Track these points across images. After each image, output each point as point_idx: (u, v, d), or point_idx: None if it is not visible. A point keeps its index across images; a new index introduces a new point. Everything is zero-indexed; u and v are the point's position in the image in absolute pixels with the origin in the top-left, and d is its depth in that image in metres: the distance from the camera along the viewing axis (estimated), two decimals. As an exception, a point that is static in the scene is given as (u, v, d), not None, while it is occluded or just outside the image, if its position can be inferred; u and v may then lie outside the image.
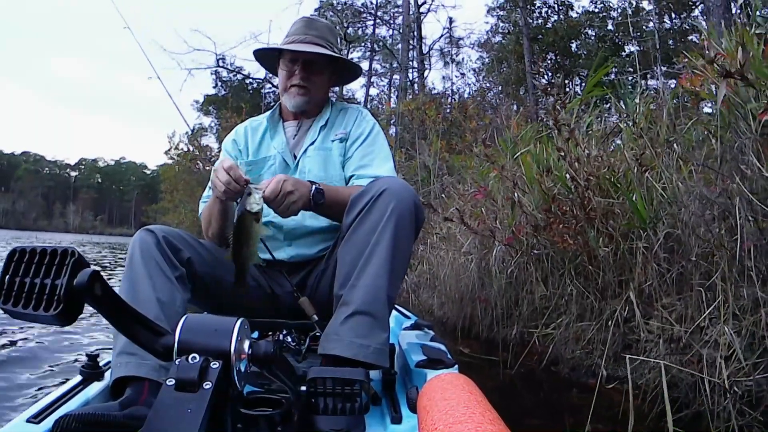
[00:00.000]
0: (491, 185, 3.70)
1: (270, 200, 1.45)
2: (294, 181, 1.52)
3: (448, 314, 4.01)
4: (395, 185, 1.49)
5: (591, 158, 2.73)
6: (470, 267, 3.71)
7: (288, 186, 1.48)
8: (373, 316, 1.39)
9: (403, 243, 1.46)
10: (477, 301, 3.53)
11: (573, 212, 2.58)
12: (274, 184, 1.46)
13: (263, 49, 1.97)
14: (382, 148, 1.87)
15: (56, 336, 3.16)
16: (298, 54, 1.81)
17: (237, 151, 1.96)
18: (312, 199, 1.55)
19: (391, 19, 21.07)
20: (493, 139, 4.83)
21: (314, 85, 1.86)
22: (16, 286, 0.86)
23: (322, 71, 1.88)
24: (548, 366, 2.63)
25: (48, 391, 1.32)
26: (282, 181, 1.47)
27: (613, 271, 2.49)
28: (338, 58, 1.90)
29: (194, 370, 0.92)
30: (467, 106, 9.69)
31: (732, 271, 2.06)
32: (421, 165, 7.36)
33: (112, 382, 1.31)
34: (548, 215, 2.67)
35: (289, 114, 1.96)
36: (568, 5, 17.33)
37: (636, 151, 2.68)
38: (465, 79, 19.75)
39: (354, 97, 22.03)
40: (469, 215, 3.76)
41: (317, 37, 1.84)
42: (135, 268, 1.44)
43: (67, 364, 2.60)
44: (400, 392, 1.48)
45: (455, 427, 0.77)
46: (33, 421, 1.15)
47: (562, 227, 2.55)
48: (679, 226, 2.26)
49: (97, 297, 0.87)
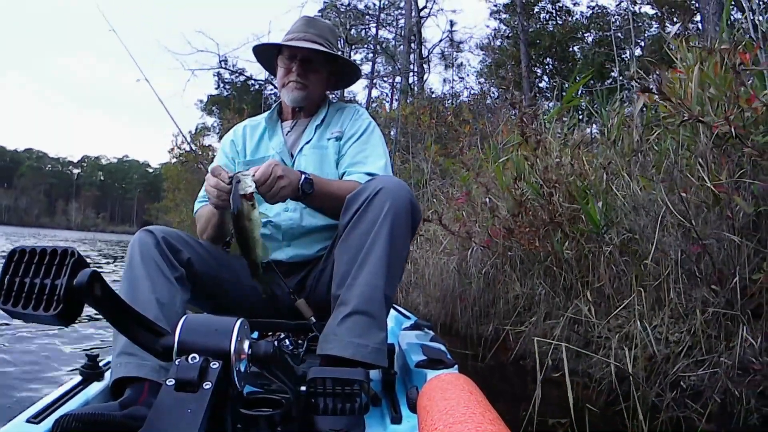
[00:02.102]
0: (474, 190, 3.87)
1: (260, 183, 1.43)
2: (284, 167, 1.51)
3: (432, 312, 4.19)
4: (391, 184, 1.49)
5: (561, 166, 2.90)
6: (451, 267, 3.89)
7: (278, 170, 1.47)
8: (370, 315, 1.39)
9: (400, 242, 1.46)
10: (457, 300, 3.71)
11: (541, 217, 2.75)
12: (265, 167, 1.45)
13: (262, 45, 1.97)
14: (377, 146, 1.86)
15: (56, 336, 3.18)
16: (296, 50, 1.82)
17: (235, 151, 1.97)
18: (300, 187, 1.54)
19: (394, 21, 21.25)
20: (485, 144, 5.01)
21: (311, 82, 1.86)
22: (16, 286, 0.86)
23: (320, 69, 1.88)
24: (517, 360, 2.80)
25: (48, 391, 1.33)
26: (273, 165, 1.47)
27: (575, 272, 2.66)
28: (337, 59, 1.91)
29: (194, 371, 0.92)
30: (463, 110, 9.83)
31: (680, 274, 2.22)
32: (415, 168, 7.53)
33: (112, 382, 1.31)
34: (515, 219, 2.84)
35: (287, 114, 1.97)
36: (566, 10, 17.48)
37: (604, 160, 2.85)
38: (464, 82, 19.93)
39: (355, 99, 22.19)
40: (453, 218, 3.94)
41: (317, 36, 1.84)
42: (134, 268, 1.44)
43: (66, 365, 2.62)
44: (400, 392, 1.49)
45: (455, 427, 0.78)
46: (33, 421, 1.15)
47: (528, 230, 2.72)
48: (637, 231, 2.42)
49: (97, 297, 0.88)
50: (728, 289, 2.04)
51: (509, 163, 3.52)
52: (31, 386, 2.22)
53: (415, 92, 15.51)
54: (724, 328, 2.06)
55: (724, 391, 1.95)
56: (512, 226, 2.91)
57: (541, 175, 2.78)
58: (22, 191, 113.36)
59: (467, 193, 3.68)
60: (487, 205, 3.20)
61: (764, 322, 2.01)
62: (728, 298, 2.08)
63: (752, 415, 1.87)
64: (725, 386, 1.94)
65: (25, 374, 2.40)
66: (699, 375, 2.05)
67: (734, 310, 2.04)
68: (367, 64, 21.29)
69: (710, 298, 2.12)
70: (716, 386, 1.96)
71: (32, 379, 2.35)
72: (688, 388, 2.06)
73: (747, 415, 1.88)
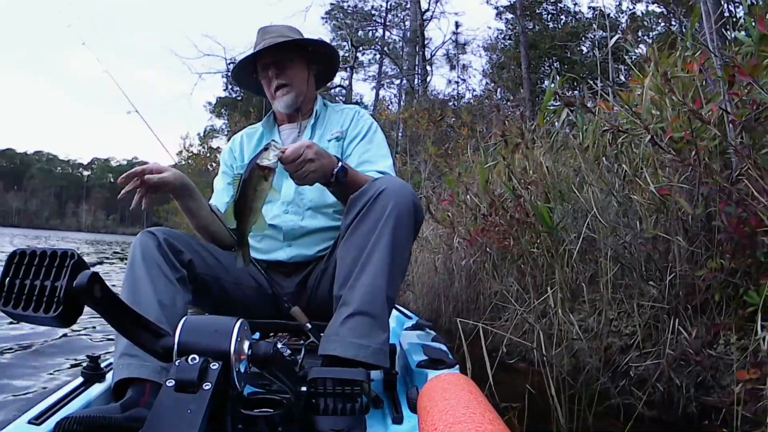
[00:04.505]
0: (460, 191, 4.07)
1: (287, 161, 1.42)
2: (318, 150, 1.48)
3: (419, 308, 4.38)
4: (394, 185, 1.48)
5: (538, 168, 3.08)
6: (437, 265, 4.10)
7: (309, 153, 1.44)
8: (372, 316, 1.38)
9: (402, 242, 1.46)
10: (442, 296, 3.91)
11: (513, 216, 2.93)
12: (297, 146, 1.43)
13: (236, 71, 1.99)
14: (381, 145, 1.87)
15: (57, 337, 3.19)
16: (262, 55, 1.85)
17: (233, 159, 1.99)
18: (334, 175, 1.52)
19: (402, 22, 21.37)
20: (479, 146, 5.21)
21: (292, 79, 1.87)
22: (16, 288, 0.87)
23: (294, 64, 1.88)
24: (490, 352, 2.98)
25: (50, 393, 1.32)
26: (305, 146, 1.44)
27: (542, 270, 2.85)
28: (306, 46, 1.91)
29: (194, 371, 0.92)
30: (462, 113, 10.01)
31: (633, 272, 2.40)
32: (414, 170, 7.73)
33: (114, 383, 1.31)
34: (486, 219, 3.03)
35: (283, 118, 1.98)
36: (567, 11, 17.59)
37: (575, 164, 3.04)
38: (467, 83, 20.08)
39: (362, 101, 22.36)
40: (440, 218, 4.14)
41: (276, 37, 1.84)
42: (136, 270, 1.44)
43: (68, 366, 2.63)
44: (401, 392, 1.48)
45: (455, 427, 0.78)
46: (34, 422, 1.15)
47: (498, 229, 2.91)
48: (598, 230, 2.61)
49: (97, 299, 0.88)
50: (665, 284, 2.20)
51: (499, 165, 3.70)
52: (32, 387, 2.22)
53: (418, 94, 15.66)
54: (669, 322, 2.23)
55: (666, 380, 2.11)
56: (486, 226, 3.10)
57: (517, 176, 2.96)
58: (32, 193, 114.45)
59: (452, 194, 3.88)
60: (467, 204, 3.40)
61: (707, 316, 2.18)
62: (674, 294, 2.25)
63: (691, 404, 2.03)
64: (668, 376, 2.10)
65: (26, 375, 2.40)
66: (646, 366, 2.21)
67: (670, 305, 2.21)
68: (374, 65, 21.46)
69: (657, 294, 2.29)
70: (659, 376, 2.12)
71: (33, 380, 2.35)
72: (635, 377, 2.23)
73: (687, 404, 2.04)
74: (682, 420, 2.03)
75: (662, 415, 2.08)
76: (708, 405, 1.98)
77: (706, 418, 1.97)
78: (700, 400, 2.02)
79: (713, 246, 2.30)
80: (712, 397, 1.98)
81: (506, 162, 2.97)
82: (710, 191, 2.29)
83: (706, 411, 1.98)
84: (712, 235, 2.33)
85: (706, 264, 2.18)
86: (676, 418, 2.05)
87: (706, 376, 2.04)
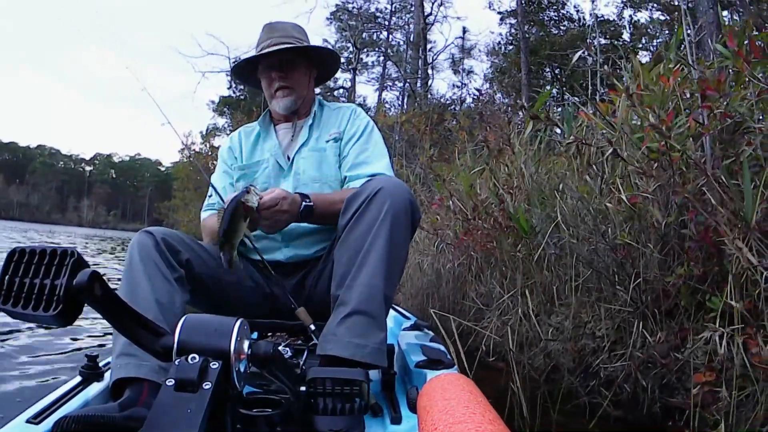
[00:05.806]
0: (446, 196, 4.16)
1: (264, 206, 1.48)
2: (291, 200, 1.55)
3: (410, 309, 4.46)
4: (390, 184, 1.49)
5: (522, 174, 3.17)
6: (425, 267, 4.19)
7: (284, 204, 1.52)
8: (369, 315, 1.38)
9: (399, 242, 1.46)
10: (429, 297, 3.99)
11: (495, 220, 3.01)
12: (275, 196, 1.50)
13: (237, 66, 2.02)
14: (378, 146, 1.88)
15: (56, 336, 3.20)
16: (270, 57, 1.86)
17: (233, 157, 2.00)
18: (300, 214, 1.59)
19: (405, 25, 21.48)
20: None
21: (295, 82, 1.88)
22: (16, 287, 0.86)
23: (299, 67, 1.90)
24: (471, 352, 3.07)
25: (48, 392, 1.31)
26: (282, 197, 1.51)
27: (523, 274, 2.93)
28: (309, 50, 1.93)
29: (194, 371, 0.92)
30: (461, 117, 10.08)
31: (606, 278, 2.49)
32: (411, 173, 7.81)
33: (112, 383, 1.31)
34: (467, 224, 3.12)
35: (280, 117, 1.98)
36: (568, 17, 17.69)
37: (560, 171, 3.12)
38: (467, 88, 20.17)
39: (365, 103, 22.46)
40: (430, 222, 4.23)
41: (283, 37, 1.86)
42: (134, 269, 1.44)
43: (66, 365, 2.63)
44: (400, 392, 1.49)
45: (455, 427, 0.78)
46: (32, 421, 1.14)
47: (479, 233, 2.99)
48: (576, 236, 2.69)
49: (97, 297, 0.88)
50: (633, 289, 2.28)
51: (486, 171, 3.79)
52: (30, 386, 2.23)
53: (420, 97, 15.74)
54: (638, 326, 2.30)
55: (633, 381, 2.19)
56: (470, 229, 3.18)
57: (501, 181, 3.04)
58: (34, 187, 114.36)
59: (441, 198, 3.96)
60: (451, 208, 3.49)
61: (676, 321, 2.26)
62: (644, 299, 2.33)
63: (656, 404, 2.11)
64: (635, 377, 2.18)
65: (24, 374, 2.41)
66: (615, 367, 2.29)
67: (638, 310, 2.28)
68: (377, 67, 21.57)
69: (628, 299, 2.37)
70: (627, 377, 2.20)
71: (32, 379, 2.36)
72: (604, 378, 2.31)
73: (651, 404, 2.12)
74: (646, 419, 2.11)
75: (627, 415, 2.16)
76: (672, 406, 2.05)
77: (670, 419, 2.04)
78: (664, 401, 2.10)
79: (684, 253, 2.39)
80: (676, 399, 2.06)
81: (489, 167, 3.05)
82: (683, 200, 2.38)
83: (670, 412, 2.05)
84: (683, 243, 2.42)
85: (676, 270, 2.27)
86: (641, 417, 2.12)
87: (671, 378, 2.11)
